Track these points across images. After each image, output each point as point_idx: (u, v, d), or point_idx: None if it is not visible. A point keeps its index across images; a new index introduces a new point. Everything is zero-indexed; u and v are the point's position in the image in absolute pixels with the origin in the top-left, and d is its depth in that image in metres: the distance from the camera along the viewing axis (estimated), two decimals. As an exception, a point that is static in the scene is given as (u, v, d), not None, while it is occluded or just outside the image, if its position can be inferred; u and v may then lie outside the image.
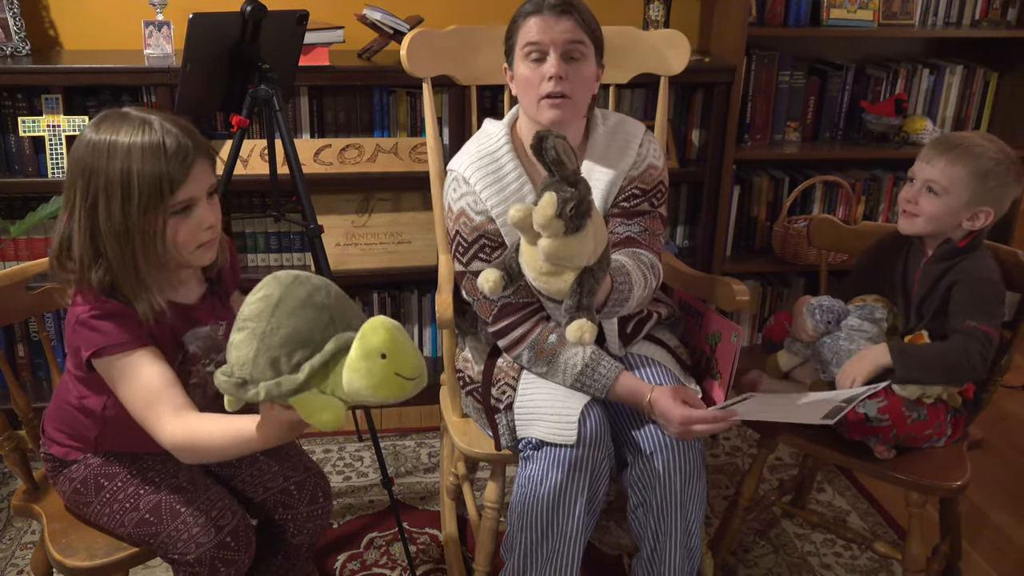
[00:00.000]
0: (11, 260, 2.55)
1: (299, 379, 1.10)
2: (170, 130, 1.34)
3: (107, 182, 1.31)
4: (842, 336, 1.80)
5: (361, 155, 2.62)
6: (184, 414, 1.35)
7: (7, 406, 1.76)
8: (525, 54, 1.65)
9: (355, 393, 1.09)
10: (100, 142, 1.32)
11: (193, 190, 1.36)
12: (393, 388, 1.07)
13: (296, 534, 1.65)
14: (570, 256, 1.39)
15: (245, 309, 1.15)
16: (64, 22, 2.64)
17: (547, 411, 1.65)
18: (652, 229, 1.76)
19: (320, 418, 1.11)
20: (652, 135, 1.81)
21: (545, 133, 1.37)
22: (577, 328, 1.41)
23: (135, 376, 1.37)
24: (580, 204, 1.35)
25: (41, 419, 1.62)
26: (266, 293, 1.14)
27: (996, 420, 2.77)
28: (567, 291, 1.44)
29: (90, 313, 1.37)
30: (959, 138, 1.77)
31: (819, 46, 3.05)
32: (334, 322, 1.13)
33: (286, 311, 1.12)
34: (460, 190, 1.71)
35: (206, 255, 1.44)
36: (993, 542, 2.27)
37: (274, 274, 1.16)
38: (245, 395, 1.13)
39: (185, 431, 1.33)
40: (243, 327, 1.13)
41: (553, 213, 1.34)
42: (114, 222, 1.32)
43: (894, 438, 1.73)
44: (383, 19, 2.52)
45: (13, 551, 2.15)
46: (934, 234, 1.80)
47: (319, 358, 1.11)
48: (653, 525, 1.68)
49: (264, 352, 1.11)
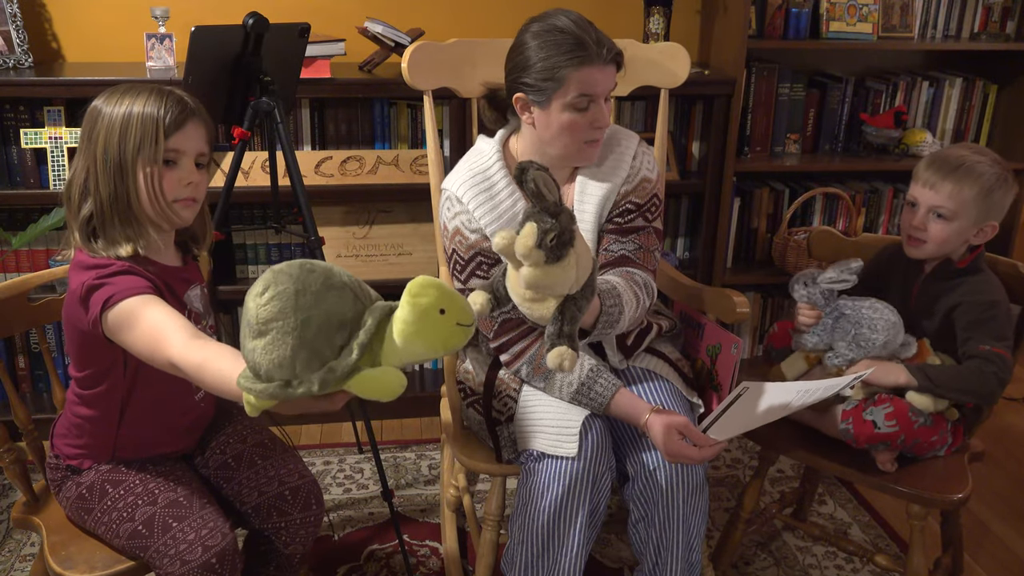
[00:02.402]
0: (12, 272, 2.55)
1: (352, 360, 1.07)
2: (176, 93, 1.47)
3: (109, 125, 1.43)
4: (864, 306, 1.76)
5: (362, 167, 2.62)
6: (199, 338, 1.31)
7: (7, 418, 1.76)
8: (573, 103, 1.60)
9: (414, 354, 1.08)
10: (114, 91, 1.46)
11: (183, 143, 1.45)
12: (458, 337, 1.09)
13: (289, 542, 1.65)
14: (550, 285, 1.42)
15: (260, 312, 1.08)
16: (66, 35, 2.66)
17: (548, 423, 1.65)
18: (647, 246, 1.76)
19: (384, 390, 1.09)
20: (646, 146, 1.80)
21: (526, 164, 1.39)
22: (557, 355, 1.44)
23: (145, 315, 1.36)
24: (561, 235, 1.38)
25: (51, 429, 1.62)
26: (278, 290, 1.08)
27: (997, 432, 2.77)
28: (549, 317, 1.46)
29: (97, 273, 1.41)
30: (956, 158, 1.74)
31: (819, 59, 3.06)
32: (358, 297, 1.11)
33: (310, 300, 1.08)
34: (454, 209, 1.71)
35: (183, 211, 1.50)
36: (995, 555, 2.26)
37: (272, 269, 1.11)
38: (294, 394, 1.08)
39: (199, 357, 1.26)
40: (266, 330, 1.07)
41: (533, 244, 1.36)
42: (110, 157, 1.42)
43: (902, 444, 1.73)
44: (384, 32, 2.53)
45: (12, 563, 2.14)
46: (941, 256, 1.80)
47: (364, 334, 1.08)
48: (655, 539, 1.68)
49: (303, 346, 1.07)
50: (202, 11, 2.62)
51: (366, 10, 2.67)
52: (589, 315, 1.54)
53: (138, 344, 1.36)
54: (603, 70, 1.59)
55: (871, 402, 1.74)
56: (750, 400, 1.57)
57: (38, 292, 1.69)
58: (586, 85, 1.58)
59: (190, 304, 1.55)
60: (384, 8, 2.71)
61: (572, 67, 1.57)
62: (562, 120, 1.62)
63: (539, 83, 1.60)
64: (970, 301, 1.74)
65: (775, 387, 1.63)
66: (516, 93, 1.65)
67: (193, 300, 1.56)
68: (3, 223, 2.52)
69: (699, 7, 2.94)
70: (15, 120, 2.45)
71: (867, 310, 1.76)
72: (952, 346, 1.78)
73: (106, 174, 1.43)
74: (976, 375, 1.70)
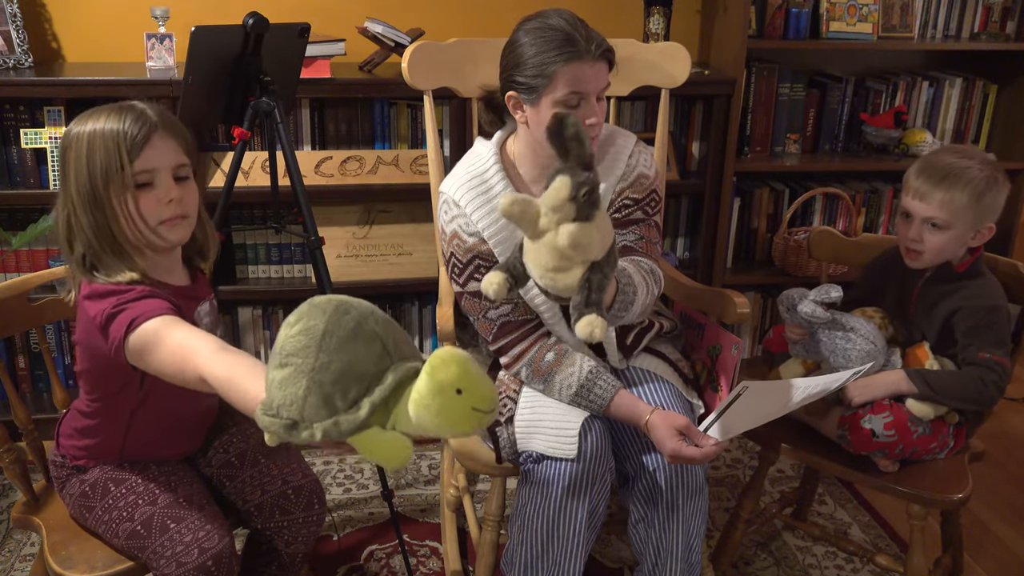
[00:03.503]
0: (12, 272, 2.55)
1: (360, 417, 1.02)
2: (138, 108, 1.39)
3: (77, 163, 1.37)
4: (838, 335, 1.77)
5: (362, 167, 2.62)
6: (229, 351, 1.26)
7: (7, 418, 1.76)
8: (563, 100, 1.58)
9: (424, 429, 1.02)
10: (76, 131, 1.39)
11: (152, 161, 1.38)
12: (471, 423, 1.01)
13: (291, 542, 1.65)
14: (588, 245, 1.35)
15: (286, 344, 1.04)
16: (66, 35, 2.65)
17: (548, 425, 1.65)
18: (648, 237, 1.76)
19: (386, 456, 1.04)
20: (644, 145, 1.79)
21: (564, 114, 1.36)
22: (587, 324, 1.36)
23: (170, 336, 1.30)
24: (593, 190, 1.34)
25: (56, 428, 1.62)
26: (308, 325, 1.03)
27: (997, 433, 2.77)
28: (575, 287, 1.40)
29: (116, 303, 1.36)
30: (945, 166, 1.72)
31: (819, 59, 3.06)
32: (387, 352, 1.05)
33: (335, 344, 1.02)
34: (451, 212, 1.71)
35: (171, 232, 1.43)
36: (995, 555, 2.26)
37: (311, 301, 1.06)
38: (298, 436, 1.03)
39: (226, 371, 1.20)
40: (286, 363, 1.03)
41: (567, 196, 1.31)
42: (82, 191, 1.37)
43: (900, 453, 1.73)
44: (384, 32, 2.53)
45: (12, 563, 2.14)
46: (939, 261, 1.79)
47: (379, 393, 1.02)
48: (655, 540, 1.68)
49: (316, 390, 1.02)
50: (202, 11, 2.62)
51: (366, 10, 2.67)
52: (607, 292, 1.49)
53: (164, 364, 1.30)
54: (592, 66, 1.58)
55: (869, 408, 1.73)
56: (750, 399, 1.57)
57: (38, 292, 1.69)
58: (575, 82, 1.57)
59: (200, 322, 1.52)
60: (384, 8, 2.71)
61: (561, 63, 1.56)
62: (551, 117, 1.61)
63: (530, 80, 1.59)
64: (970, 306, 1.73)
65: (775, 386, 1.63)
66: (509, 91, 1.64)
67: (202, 317, 1.54)
68: (3, 223, 2.52)
69: (699, 7, 2.94)
70: (15, 120, 2.45)
71: (840, 340, 1.75)
72: (951, 350, 1.77)
73: (83, 209, 1.38)
74: (976, 383, 1.70)
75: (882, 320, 1.84)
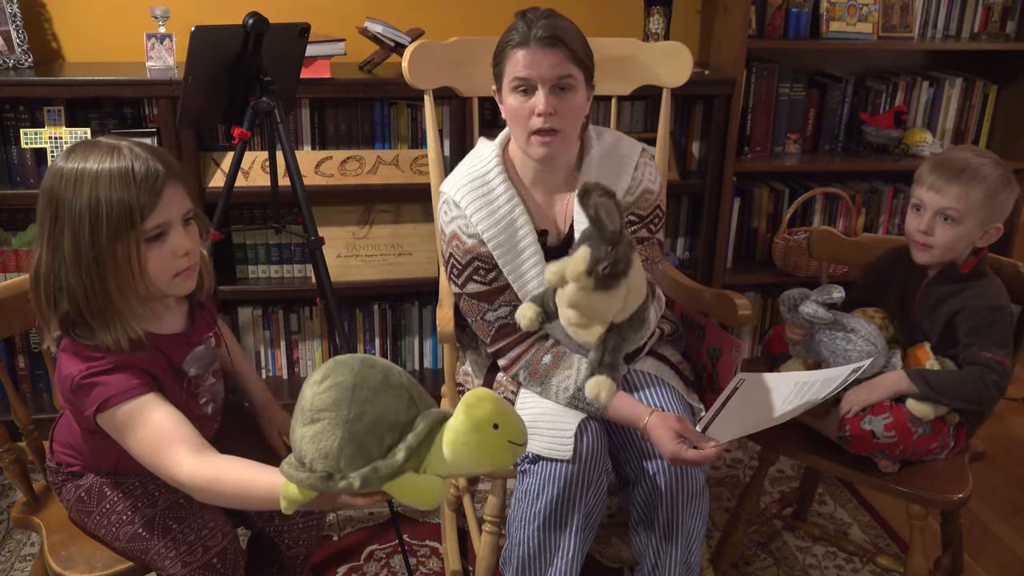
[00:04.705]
0: (12, 272, 2.55)
1: (398, 461, 1.08)
2: (140, 155, 1.30)
3: (75, 211, 1.27)
4: (839, 336, 1.77)
5: (362, 167, 2.62)
6: (205, 453, 1.29)
7: (7, 418, 1.76)
8: (512, 87, 1.60)
9: (461, 467, 1.09)
10: (69, 171, 1.28)
11: (165, 216, 1.31)
12: (508, 455, 1.09)
13: (291, 546, 1.65)
14: (592, 309, 1.38)
15: (316, 400, 1.10)
16: (66, 34, 2.65)
17: (544, 425, 1.64)
18: (652, 257, 1.75)
19: (423, 499, 1.10)
20: (648, 156, 1.77)
21: (591, 187, 1.35)
22: (595, 385, 1.42)
23: (145, 421, 1.31)
24: (616, 264, 1.33)
25: (50, 432, 1.61)
26: (337, 380, 1.10)
27: (998, 432, 2.77)
28: (594, 344, 1.43)
29: (89, 371, 1.32)
30: (961, 161, 1.73)
31: (819, 59, 3.06)
32: (414, 401, 1.12)
33: (365, 395, 1.09)
34: (451, 213, 1.71)
35: (184, 284, 1.38)
36: (995, 555, 2.26)
37: (335, 359, 1.13)
38: (335, 487, 1.09)
39: (210, 473, 1.27)
40: (318, 418, 1.09)
41: (584, 269, 1.32)
42: (82, 252, 1.27)
43: (900, 454, 1.73)
44: (384, 32, 2.53)
45: (12, 563, 2.14)
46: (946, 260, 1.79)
47: (414, 438, 1.08)
48: (655, 542, 1.68)
49: (351, 441, 1.08)
50: (202, 11, 2.62)
51: (366, 10, 2.67)
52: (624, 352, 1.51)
53: (138, 450, 1.32)
54: (536, 53, 1.56)
55: (869, 410, 1.73)
56: (748, 394, 1.56)
57: (38, 292, 1.69)
58: (519, 68, 1.58)
59: (188, 370, 1.45)
60: (384, 8, 2.71)
61: (509, 48, 1.60)
62: (509, 105, 1.63)
63: (494, 69, 1.64)
64: (973, 306, 1.73)
65: (772, 378, 1.62)
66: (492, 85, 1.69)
67: (192, 364, 1.46)
68: (3, 223, 2.52)
69: (699, 7, 2.94)
70: (15, 120, 2.44)
71: (841, 340, 1.75)
72: (952, 351, 1.77)
73: (77, 269, 1.28)
74: (977, 384, 1.70)
75: (882, 320, 1.84)
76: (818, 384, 1.61)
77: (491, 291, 1.69)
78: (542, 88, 1.57)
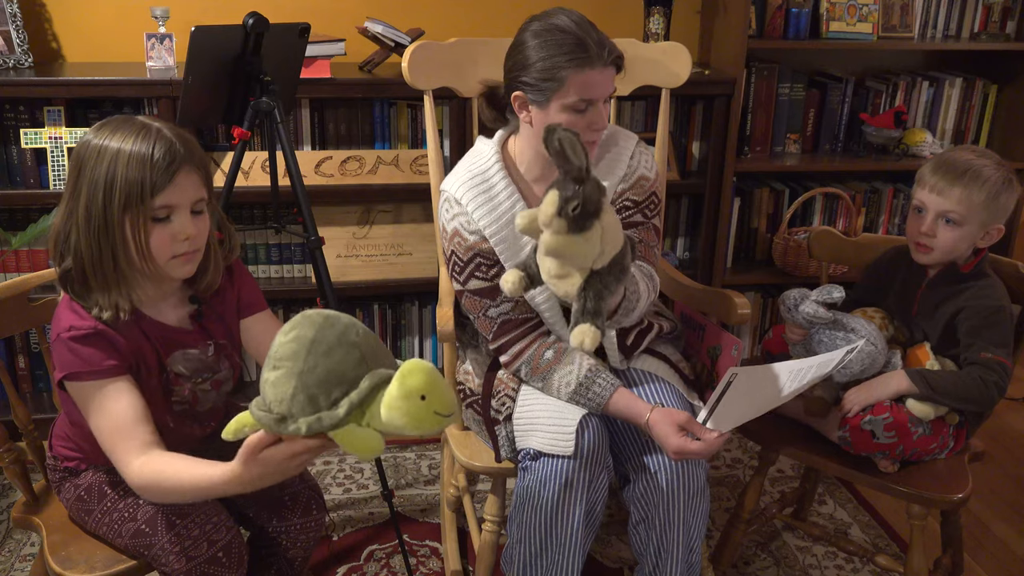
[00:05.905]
0: (12, 272, 2.55)
1: (339, 415, 1.18)
2: (166, 136, 1.35)
3: (93, 180, 1.33)
4: (839, 336, 1.77)
5: (362, 167, 2.62)
6: (151, 452, 1.35)
7: (7, 418, 1.76)
8: (572, 105, 1.57)
9: (394, 428, 1.18)
10: (96, 144, 1.35)
11: (174, 198, 1.35)
12: (432, 424, 1.17)
13: (290, 547, 1.65)
14: (571, 255, 1.37)
15: (279, 349, 1.20)
16: (67, 35, 2.65)
17: (545, 422, 1.65)
18: (647, 241, 1.76)
19: (361, 449, 1.20)
20: (645, 147, 1.79)
21: (554, 126, 1.36)
22: (579, 333, 1.42)
23: (106, 406, 1.37)
24: (586, 204, 1.34)
25: (50, 429, 1.61)
26: (299, 334, 1.19)
27: (998, 432, 2.77)
28: (574, 294, 1.42)
29: (71, 333, 1.36)
30: (963, 163, 1.73)
31: (819, 59, 3.06)
32: (365, 359, 1.20)
33: (321, 351, 1.18)
34: (452, 211, 1.71)
35: (182, 268, 1.41)
36: (995, 554, 2.26)
37: (304, 313, 1.22)
38: (285, 429, 1.19)
39: (152, 470, 1.34)
40: (279, 366, 1.19)
41: (554, 212, 1.33)
42: (93, 218, 1.34)
43: (900, 454, 1.73)
44: (384, 32, 2.53)
45: (12, 563, 2.14)
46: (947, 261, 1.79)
47: (356, 395, 1.18)
48: (655, 542, 1.68)
49: (302, 390, 1.18)
50: (202, 11, 2.62)
51: (366, 10, 2.67)
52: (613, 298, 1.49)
53: (97, 435, 1.39)
54: (603, 73, 1.58)
55: (869, 410, 1.73)
56: (743, 385, 1.56)
57: (38, 292, 1.69)
58: (586, 88, 1.56)
59: (172, 366, 1.46)
60: (384, 8, 2.71)
61: (572, 68, 1.55)
62: (560, 121, 1.59)
63: (539, 83, 1.58)
64: (974, 306, 1.73)
65: (764, 369, 1.62)
66: (515, 91, 1.63)
67: (180, 363, 1.47)
68: (3, 223, 2.52)
69: (699, 7, 2.95)
70: (15, 120, 2.44)
71: (841, 341, 1.75)
72: (953, 351, 1.77)
73: (88, 232, 1.35)
74: (977, 384, 1.70)
75: (882, 320, 1.84)
76: (813, 368, 1.60)
77: (493, 287, 1.69)
78: (599, 104, 1.59)
